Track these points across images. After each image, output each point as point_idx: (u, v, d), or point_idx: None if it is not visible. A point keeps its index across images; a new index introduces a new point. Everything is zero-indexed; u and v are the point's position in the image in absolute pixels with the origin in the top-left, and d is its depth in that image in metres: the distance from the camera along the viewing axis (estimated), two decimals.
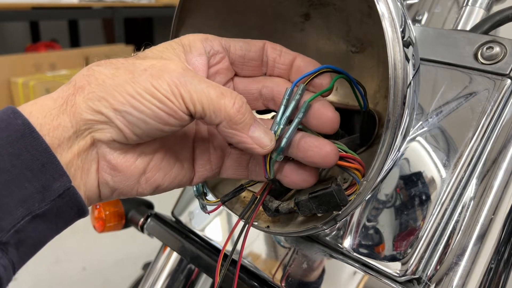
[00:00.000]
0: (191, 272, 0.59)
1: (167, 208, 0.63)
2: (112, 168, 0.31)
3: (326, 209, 0.33)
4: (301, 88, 0.33)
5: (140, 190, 0.33)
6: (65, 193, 0.28)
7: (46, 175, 0.27)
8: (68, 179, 0.28)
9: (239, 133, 0.30)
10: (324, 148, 0.32)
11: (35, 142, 0.27)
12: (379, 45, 0.37)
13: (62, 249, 1.61)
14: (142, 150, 0.32)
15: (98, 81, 0.29)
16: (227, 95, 0.30)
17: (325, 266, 0.44)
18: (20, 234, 0.27)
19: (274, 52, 0.36)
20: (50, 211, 0.28)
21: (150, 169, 0.33)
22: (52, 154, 0.27)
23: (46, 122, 0.28)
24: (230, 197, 0.38)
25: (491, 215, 0.40)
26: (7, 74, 2.40)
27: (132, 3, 3.11)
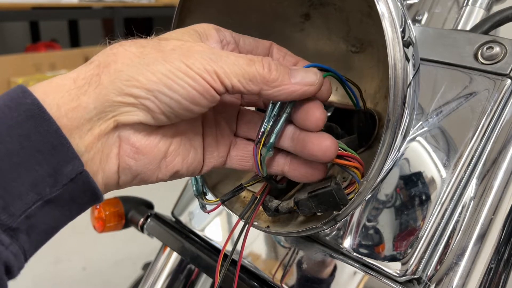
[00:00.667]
0: (191, 272, 0.59)
1: (167, 208, 0.63)
2: (135, 152, 0.30)
3: (325, 208, 0.33)
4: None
5: (160, 175, 0.33)
6: (78, 177, 0.27)
7: (57, 158, 0.26)
8: (81, 163, 0.27)
9: (283, 86, 0.30)
10: (323, 142, 0.32)
11: (46, 123, 0.26)
12: (379, 45, 0.37)
13: (62, 249, 1.60)
14: (163, 133, 0.32)
15: (126, 60, 0.28)
16: (255, 61, 0.30)
17: (325, 266, 0.44)
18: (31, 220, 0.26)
19: (279, 53, 0.36)
20: (62, 196, 0.27)
21: (170, 153, 0.33)
22: (63, 136, 0.26)
23: (64, 102, 0.27)
24: (229, 196, 0.38)
25: (491, 215, 0.40)
26: (7, 74, 2.40)
27: (132, 3, 3.11)
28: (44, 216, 0.26)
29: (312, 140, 0.32)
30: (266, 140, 0.32)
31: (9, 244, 0.25)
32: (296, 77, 0.31)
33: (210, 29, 0.33)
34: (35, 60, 2.56)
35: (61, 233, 0.30)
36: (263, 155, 0.33)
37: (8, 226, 0.25)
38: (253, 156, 0.34)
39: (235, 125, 0.37)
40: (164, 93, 0.28)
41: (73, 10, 2.87)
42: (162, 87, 0.28)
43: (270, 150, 0.32)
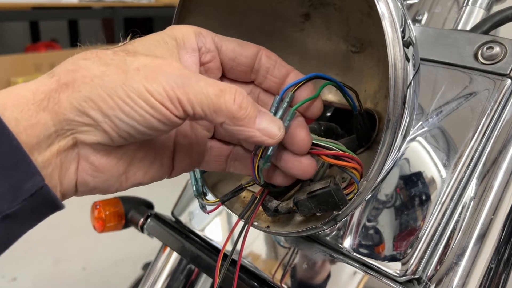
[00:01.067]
0: (191, 272, 0.59)
1: (167, 208, 0.63)
2: (94, 170, 0.30)
3: (325, 208, 0.33)
4: (289, 96, 0.33)
5: (119, 188, 0.32)
6: (38, 192, 0.26)
7: (18, 174, 0.25)
8: (41, 178, 0.26)
9: (245, 128, 0.29)
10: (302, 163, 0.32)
11: (6, 138, 0.25)
12: (379, 45, 0.37)
13: (62, 249, 1.60)
14: (125, 151, 0.31)
15: (86, 79, 0.27)
16: (226, 92, 0.28)
17: (325, 266, 0.44)
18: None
19: (269, 62, 0.34)
20: (22, 210, 0.26)
21: (131, 169, 0.32)
22: (24, 152, 0.25)
23: (23, 117, 0.26)
24: (229, 197, 0.38)
25: (491, 215, 0.40)
26: (7, 74, 2.40)
27: (132, 3, 3.11)
28: (2, 230, 0.26)
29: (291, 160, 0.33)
30: (264, 152, 0.32)
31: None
32: (261, 123, 0.29)
33: (189, 34, 0.32)
34: (35, 60, 2.56)
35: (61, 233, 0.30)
36: (261, 166, 0.33)
37: None
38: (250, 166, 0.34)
39: (213, 130, 0.37)
40: (121, 118, 0.27)
41: (73, 10, 2.87)
42: (119, 113, 0.27)
43: (268, 162, 0.32)
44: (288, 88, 0.33)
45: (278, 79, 0.34)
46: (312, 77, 0.34)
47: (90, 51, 0.29)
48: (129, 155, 0.31)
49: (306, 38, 0.41)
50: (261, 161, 0.32)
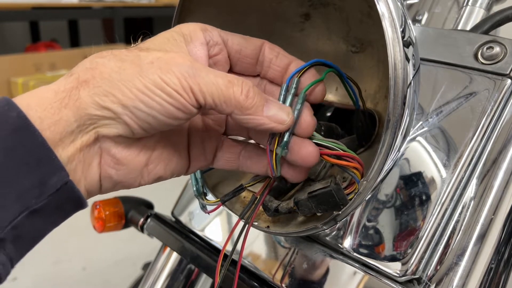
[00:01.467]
0: (191, 272, 0.59)
1: (167, 208, 0.63)
2: (116, 162, 0.31)
3: (325, 208, 0.33)
4: (295, 82, 0.33)
5: (142, 182, 0.33)
6: (63, 188, 0.27)
7: (43, 170, 0.26)
8: (66, 173, 0.27)
9: (254, 116, 0.30)
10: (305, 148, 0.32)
11: (31, 136, 0.26)
12: (379, 45, 0.37)
13: (62, 249, 1.60)
14: (145, 143, 0.32)
15: (104, 75, 0.28)
16: (234, 83, 0.29)
17: (325, 266, 0.44)
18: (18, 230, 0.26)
19: (272, 53, 0.35)
20: (48, 206, 0.27)
21: (152, 161, 0.33)
22: (49, 148, 0.26)
23: (47, 115, 0.27)
24: (230, 197, 0.38)
25: (491, 215, 0.40)
26: (7, 74, 2.40)
27: (132, 3, 3.11)
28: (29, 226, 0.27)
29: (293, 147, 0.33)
30: (280, 139, 0.32)
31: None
32: (269, 111, 0.31)
33: (196, 30, 0.33)
34: (35, 60, 2.56)
35: (61, 233, 0.30)
36: (279, 154, 0.33)
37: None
38: (267, 156, 0.34)
39: (224, 126, 0.37)
40: (140, 109, 0.28)
41: (73, 10, 2.87)
42: (138, 103, 0.28)
43: (285, 149, 0.33)
44: (293, 75, 0.34)
45: (281, 68, 0.35)
46: (314, 63, 0.34)
47: (106, 51, 0.30)
48: (149, 147, 0.32)
49: (306, 38, 0.41)
50: (279, 148, 0.33)
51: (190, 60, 0.30)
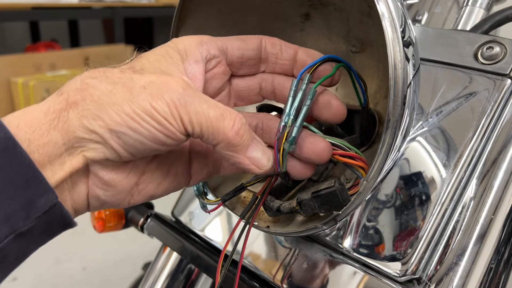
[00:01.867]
0: (191, 272, 0.59)
1: (167, 208, 0.63)
2: (104, 183, 0.30)
3: (328, 208, 0.33)
4: (307, 78, 0.33)
5: (132, 201, 0.33)
6: (51, 209, 0.27)
7: (31, 191, 0.26)
8: (54, 195, 0.27)
9: (237, 154, 0.30)
10: (318, 145, 0.32)
11: (18, 156, 0.25)
12: (379, 45, 0.37)
13: (62, 249, 1.60)
14: (134, 165, 0.31)
15: (93, 98, 0.28)
16: (226, 117, 0.29)
17: (325, 266, 0.44)
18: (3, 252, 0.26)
19: (275, 48, 0.35)
20: (35, 228, 0.27)
21: (142, 181, 0.32)
22: (36, 169, 0.26)
23: (35, 137, 0.27)
24: (230, 196, 0.38)
25: (491, 215, 0.40)
26: (7, 74, 2.40)
27: (132, 3, 3.11)
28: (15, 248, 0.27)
29: (306, 144, 0.32)
30: (288, 134, 0.32)
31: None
32: (252, 152, 0.31)
33: (191, 46, 0.33)
34: (35, 60, 2.56)
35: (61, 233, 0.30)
36: (286, 149, 0.33)
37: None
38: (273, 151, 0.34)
39: None
40: (127, 134, 0.28)
41: (73, 10, 2.87)
42: (126, 129, 0.27)
43: (293, 144, 0.33)
44: (305, 71, 0.34)
45: (289, 61, 0.35)
46: (326, 59, 0.34)
47: (98, 70, 0.30)
48: (139, 168, 0.32)
49: (306, 38, 0.41)
50: (286, 144, 0.32)
51: (183, 86, 0.29)
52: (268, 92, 0.36)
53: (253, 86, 0.36)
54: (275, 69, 0.36)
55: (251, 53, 0.35)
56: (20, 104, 2.36)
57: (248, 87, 0.36)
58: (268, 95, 0.37)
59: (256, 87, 0.36)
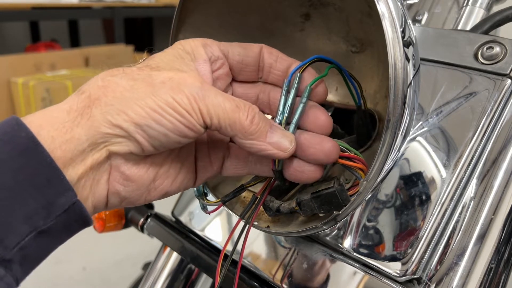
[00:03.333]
0: (191, 272, 0.59)
1: (167, 208, 0.63)
2: (125, 179, 0.31)
3: (328, 209, 0.33)
4: (298, 77, 0.34)
5: (148, 198, 0.33)
6: (70, 208, 0.28)
7: (51, 191, 0.27)
8: (74, 194, 0.28)
9: (257, 142, 0.31)
10: (326, 145, 0.32)
11: (39, 156, 0.26)
12: (379, 45, 0.38)
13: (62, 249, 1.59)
14: (153, 160, 0.32)
15: (116, 94, 0.29)
16: (241, 108, 0.30)
17: (325, 266, 0.44)
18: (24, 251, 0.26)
19: (271, 58, 0.35)
20: (55, 226, 0.27)
21: (159, 177, 0.33)
22: (57, 168, 0.27)
23: (59, 135, 0.27)
24: (230, 197, 0.38)
25: (491, 215, 0.40)
26: (7, 74, 2.40)
27: (132, 3, 3.11)
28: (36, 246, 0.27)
29: (313, 145, 0.32)
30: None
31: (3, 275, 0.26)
32: (273, 137, 0.31)
33: (198, 47, 0.33)
34: (35, 60, 2.56)
35: None
36: None
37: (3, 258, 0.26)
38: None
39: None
40: (152, 127, 0.29)
41: (73, 10, 2.87)
42: (151, 122, 0.28)
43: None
44: (295, 71, 0.34)
45: (281, 72, 0.36)
46: (315, 59, 0.35)
47: (116, 69, 0.30)
48: (157, 163, 0.33)
49: (306, 38, 0.41)
50: None
51: (200, 81, 0.30)
52: (265, 104, 0.37)
53: (251, 94, 0.37)
54: (268, 78, 0.36)
55: (250, 60, 0.35)
56: (20, 104, 2.36)
57: (246, 94, 0.37)
58: (264, 107, 0.37)
59: (253, 95, 0.37)
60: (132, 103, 0.28)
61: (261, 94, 0.37)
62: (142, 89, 0.29)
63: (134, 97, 0.28)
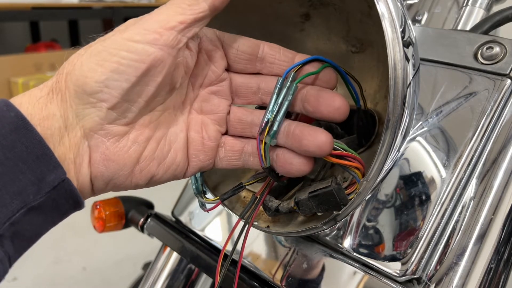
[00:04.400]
0: (191, 272, 0.59)
1: (167, 208, 0.63)
2: (105, 159, 0.31)
3: (326, 208, 0.33)
4: (292, 76, 0.33)
5: (134, 180, 0.33)
6: (60, 185, 0.28)
7: (41, 167, 0.27)
8: (63, 171, 0.28)
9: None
10: (319, 137, 0.32)
11: (29, 134, 0.27)
12: (379, 45, 0.38)
13: (62, 249, 1.61)
14: (135, 139, 0.32)
15: (75, 61, 0.29)
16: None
17: (325, 266, 0.44)
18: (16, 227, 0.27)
19: (273, 49, 0.35)
20: (45, 203, 0.28)
21: (143, 159, 0.33)
22: (46, 146, 0.27)
23: (36, 112, 0.28)
24: (229, 195, 0.38)
25: (491, 215, 0.40)
26: (7, 74, 2.40)
27: (132, 3, 3.11)
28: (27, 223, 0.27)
29: (306, 136, 0.32)
30: (270, 128, 0.32)
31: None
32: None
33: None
34: (35, 60, 2.56)
35: (61, 233, 0.30)
36: (268, 143, 0.33)
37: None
38: (256, 146, 0.34)
39: (225, 126, 0.37)
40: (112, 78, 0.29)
41: (73, 10, 2.87)
42: (109, 73, 0.28)
43: (274, 138, 0.33)
44: (290, 70, 0.34)
45: (287, 62, 0.35)
46: (313, 59, 0.34)
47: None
48: (140, 144, 0.32)
49: (306, 38, 0.41)
50: (267, 137, 0.33)
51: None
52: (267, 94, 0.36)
53: (251, 84, 0.36)
54: (273, 70, 0.36)
55: (246, 48, 0.35)
56: None
57: (246, 84, 0.36)
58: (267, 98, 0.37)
59: (254, 85, 0.36)
60: (89, 64, 0.29)
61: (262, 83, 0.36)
62: (95, 47, 0.29)
63: (89, 57, 0.29)
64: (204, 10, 0.30)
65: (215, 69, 0.35)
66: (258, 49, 0.35)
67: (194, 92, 0.35)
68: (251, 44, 0.35)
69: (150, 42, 0.29)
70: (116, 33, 0.30)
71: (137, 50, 0.29)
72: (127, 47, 0.28)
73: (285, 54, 0.35)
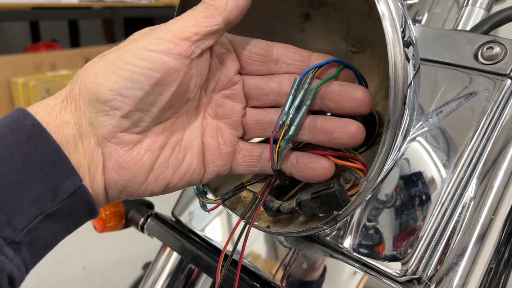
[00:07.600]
0: (191, 272, 0.59)
1: (167, 208, 0.63)
2: (118, 167, 0.31)
3: (328, 209, 0.33)
4: (310, 78, 0.33)
5: (149, 188, 0.33)
6: (76, 192, 0.28)
7: (57, 174, 0.27)
8: (79, 178, 0.28)
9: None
10: (351, 127, 0.32)
11: (46, 141, 0.27)
12: (379, 45, 0.37)
13: (62, 249, 1.60)
14: (148, 147, 0.32)
15: (89, 70, 0.29)
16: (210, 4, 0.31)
17: (325, 266, 0.44)
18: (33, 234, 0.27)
19: (287, 49, 0.35)
20: (62, 210, 0.28)
21: (158, 166, 0.32)
22: (62, 153, 0.27)
23: (51, 119, 0.28)
24: (230, 195, 0.38)
25: (491, 215, 0.40)
26: (7, 74, 2.40)
27: (132, 3, 3.11)
28: (44, 230, 0.28)
29: (338, 129, 0.32)
30: (285, 132, 0.32)
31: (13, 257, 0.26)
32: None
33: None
34: (35, 60, 2.56)
35: None
36: (282, 147, 0.33)
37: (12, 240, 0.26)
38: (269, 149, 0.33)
39: (242, 129, 0.37)
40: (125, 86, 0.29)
41: (73, 10, 2.86)
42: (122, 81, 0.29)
43: (289, 143, 0.32)
44: (308, 71, 0.34)
45: (304, 62, 0.35)
46: (332, 62, 0.34)
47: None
48: (154, 152, 0.32)
49: (306, 38, 0.41)
50: (283, 142, 0.32)
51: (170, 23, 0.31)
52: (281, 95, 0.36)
53: (262, 85, 0.36)
54: (290, 69, 0.35)
55: (259, 50, 0.35)
56: (20, 104, 2.36)
57: (257, 85, 0.36)
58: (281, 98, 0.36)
59: (265, 86, 0.36)
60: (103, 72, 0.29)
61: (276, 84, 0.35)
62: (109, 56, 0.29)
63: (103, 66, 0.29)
64: (218, 23, 0.30)
65: (227, 72, 0.35)
66: (272, 50, 0.35)
67: (207, 97, 0.35)
68: (263, 46, 0.35)
69: (164, 51, 0.29)
70: (131, 42, 0.30)
71: (151, 59, 0.29)
72: (141, 56, 0.29)
73: (301, 54, 0.35)
